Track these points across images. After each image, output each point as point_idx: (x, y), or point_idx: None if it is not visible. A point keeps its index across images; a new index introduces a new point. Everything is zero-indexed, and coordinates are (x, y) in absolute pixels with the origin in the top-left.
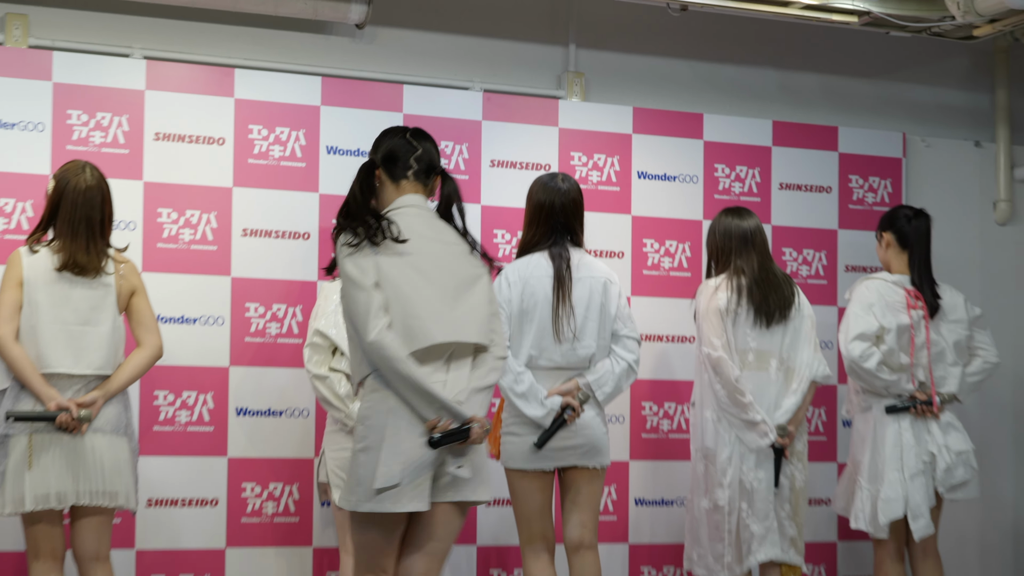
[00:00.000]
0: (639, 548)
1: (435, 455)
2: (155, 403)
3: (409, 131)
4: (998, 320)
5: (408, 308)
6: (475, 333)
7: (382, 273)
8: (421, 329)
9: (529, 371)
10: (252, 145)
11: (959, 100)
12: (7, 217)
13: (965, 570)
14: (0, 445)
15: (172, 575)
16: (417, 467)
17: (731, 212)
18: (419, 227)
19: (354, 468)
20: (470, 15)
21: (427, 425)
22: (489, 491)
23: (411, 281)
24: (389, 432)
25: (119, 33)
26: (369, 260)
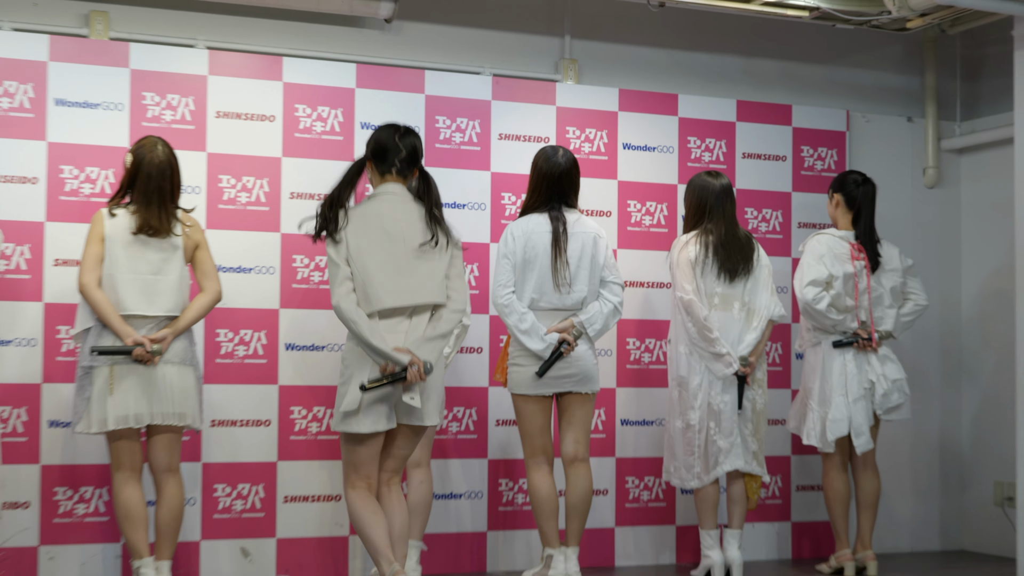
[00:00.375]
0: (624, 461)
1: (389, 390)
2: (217, 339)
3: (398, 133)
4: (926, 269)
5: (367, 278)
6: (428, 295)
7: (351, 251)
8: (375, 296)
9: (531, 311)
10: (298, 122)
11: (894, 82)
12: (92, 183)
13: (898, 479)
14: (85, 375)
15: (232, 484)
16: (373, 400)
17: (708, 173)
18: (390, 210)
19: (336, 398)
20: (481, 11)
21: (380, 368)
22: (438, 417)
23: (373, 256)
24: (355, 372)
25: (185, 27)
26: (343, 242)
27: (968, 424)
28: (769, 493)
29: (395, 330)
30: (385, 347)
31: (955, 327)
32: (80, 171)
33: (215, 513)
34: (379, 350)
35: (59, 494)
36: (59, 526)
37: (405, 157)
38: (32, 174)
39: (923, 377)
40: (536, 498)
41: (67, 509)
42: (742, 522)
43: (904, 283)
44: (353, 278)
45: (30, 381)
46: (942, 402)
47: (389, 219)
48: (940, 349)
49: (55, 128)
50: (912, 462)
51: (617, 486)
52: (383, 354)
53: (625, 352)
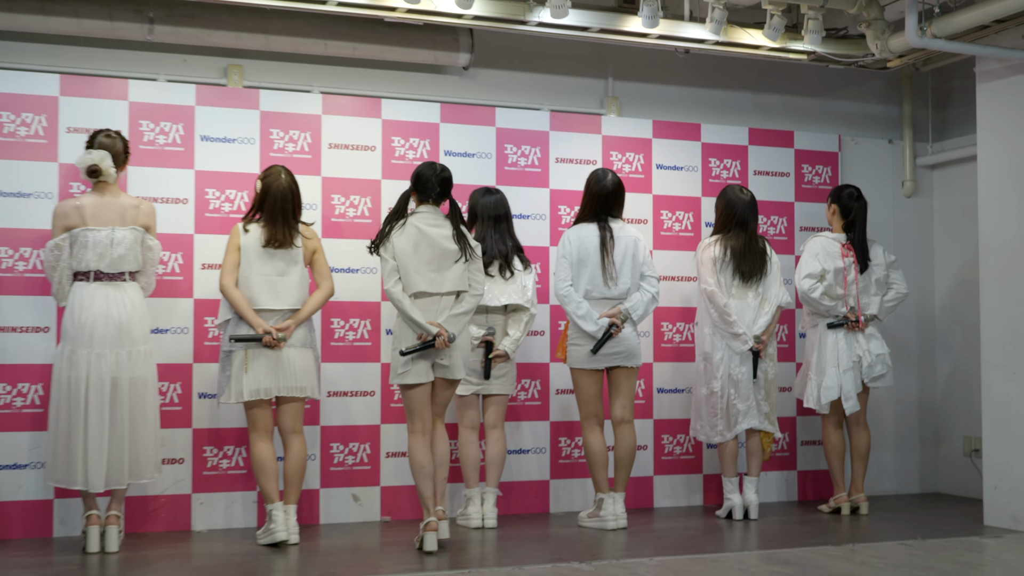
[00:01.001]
0: (660, 422)
1: (428, 353)
2: (331, 326)
3: (435, 171)
4: (905, 264)
5: (407, 270)
6: (451, 285)
7: (396, 251)
8: (412, 282)
9: (586, 301)
10: (394, 151)
11: (877, 111)
12: (231, 203)
13: (884, 435)
14: (226, 358)
15: (345, 443)
16: (415, 360)
17: (739, 189)
18: (425, 224)
19: (391, 361)
20: (540, 59)
21: (417, 336)
22: (462, 372)
23: (411, 257)
24: (402, 339)
25: (303, 76)
26: (390, 245)
27: (941, 390)
28: (779, 447)
29: (428, 309)
30: (421, 319)
31: (930, 311)
32: (221, 193)
33: (331, 466)
34: (416, 321)
35: (207, 452)
36: (207, 477)
37: (439, 190)
38: (183, 196)
39: (904, 352)
40: (590, 452)
41: (214, 464)
42: (758, 471)
43: (887, 275)
44: (399, 271)
45: (183, 362)
46: (919, 371)
47: (425, 230)
48: (917, 329)
49: (201, 159)
50: (895, 421)
51: (655, 442)
52: (419, 325)
53: (660, 333)
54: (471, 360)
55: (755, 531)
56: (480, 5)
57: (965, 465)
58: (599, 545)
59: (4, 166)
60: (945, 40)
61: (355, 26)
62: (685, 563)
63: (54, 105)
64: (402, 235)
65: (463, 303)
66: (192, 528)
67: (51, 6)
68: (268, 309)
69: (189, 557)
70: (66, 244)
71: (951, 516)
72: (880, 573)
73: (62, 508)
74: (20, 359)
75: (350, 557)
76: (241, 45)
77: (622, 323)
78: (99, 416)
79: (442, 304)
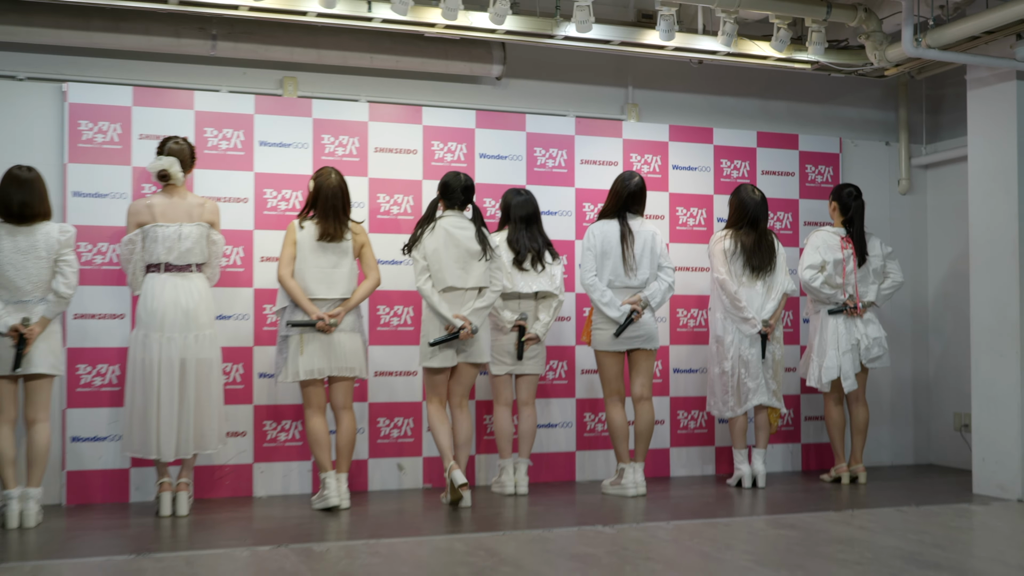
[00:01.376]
0: (676, 399)
1: (453, 342)
2: (378, 313)
3: (459, 180)
4: (901, 255)
5: (437, 269)
6: (475, 281)
7: (427, 253)
8: (441, 278)
9: (609, 289)
10: (433, 154)
11: (875, 116)
12: (287, 201)
13: (881, 410)
14: (283, 341)
15: (390, 418)
16: (442, 346)
17: (751, 188)
18: (451, 227)
19: (420, 346)
20: (566, 70)
21: (444, 327)
22: (485, 357)
23: (440, 256)
24: (430, 329)
25: (352, 87)
26: (421, 247)
27: (933, 370)
28: (785, 422)
29: (454, 302)
30: (447, 313)
31: (923, 298)
32: (278, 193)
33: (378, 439)
34: (442, 315)
35: (267, 426)
36: (267, 449)
37: (463, 198)
38: (244, 196)
39: (900, 335)
40: (612, 426)
41: (272, 436)
42: (765, 443)
43: (884, 265)
44: (428, 269)
45: (244, 345)
46: (914, 353)
47: (452, 232)
48: (912, 315)
49: (260, 162)
50: (891, 398)
51: (671, 417)
52: (445, 317)
53: (676, 318)
54: (505, 343)
55: (762, 498)
56: (512, 21)
57: (955, 439)
58: (620, 510)
59: (83, 169)
60: (938, 50)
61: (398, 41)
62: (699, 527)
63: (127, 114)
64: (432, 237)
65: (484, 298)
66: (254, 494)
67: (124, 25)
68: (321, 298)
69: (251, 520)
70: (139, 239)
71: (942, 485)
72: (877, 537)
73: (137, 476)
74: (99, 343)
75: (395, 520)
76: (295, 59)
77: (642, 309)
78: (170, 393)
79: (467, 297)
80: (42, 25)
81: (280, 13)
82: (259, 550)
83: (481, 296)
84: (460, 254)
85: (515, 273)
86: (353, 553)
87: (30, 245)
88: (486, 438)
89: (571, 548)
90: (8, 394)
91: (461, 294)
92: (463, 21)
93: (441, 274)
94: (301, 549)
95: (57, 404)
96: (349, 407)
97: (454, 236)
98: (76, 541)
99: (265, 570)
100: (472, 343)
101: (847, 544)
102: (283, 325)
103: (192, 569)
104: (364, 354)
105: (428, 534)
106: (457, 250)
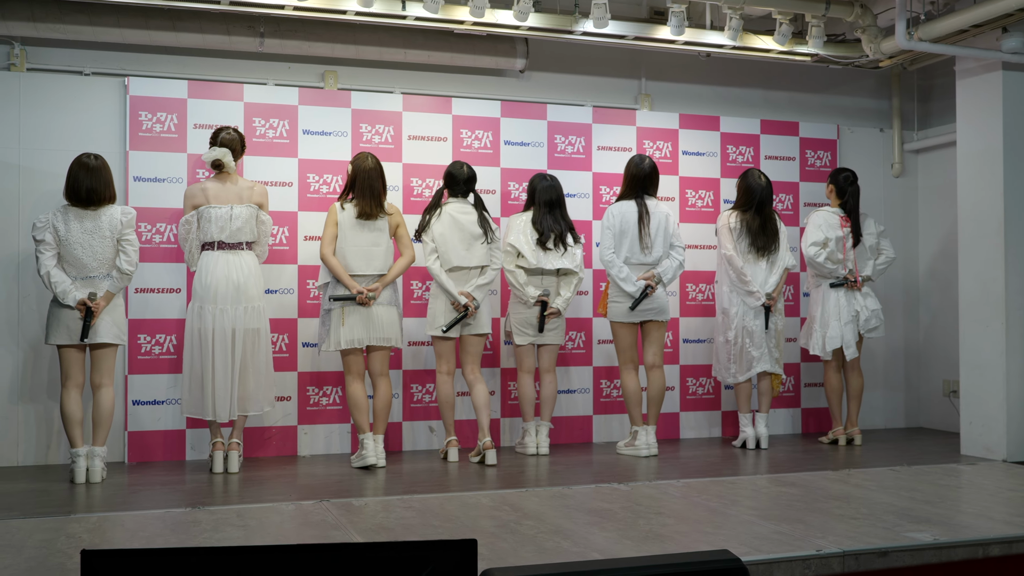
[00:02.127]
0: (686, 367)
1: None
2: (411, 287)
3: (462, 170)
4: (894, 233)
5: (443, 250)
6: (477, 260)
7: (435, 236)
8: (448, 259)
9: (626, 266)
10: (462, 141)
11: (870, 104)
12: (328, 185)
13: (875, 377)
14: (326, 313)
15: (423, 385)
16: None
17: (759, 174)
18: (455, 213)
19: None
20: (585, 63)
21: (452, 303)
22: (487, 328)
23: (446, 239)
24: (435, 302)
25: (387, 80)
26: (430, 231)
27: (923, 340)
28: (786, 388)
29: (460, 280)
30: (453, 290)
31: (914, 273)
32: (320, 177)
33: (412, 403)
34: (449, 291)
35: (310, 391)
36: (310, 412)
37: (464, 187)
38: (289, 180)
39: (892, 308)
40: (626, 392)
41: (315, 401)
42: (767, 407)
43: (878, 243)
44: (437, 251)
45: (289, 316)
46: (905, 325)
47: (457, 218)
48: (903, 288)
49: (303, 149)
50: (885, 366)
51: (681, 384)
52: (451, 294)
53: (686, 292)
54: (528, 316)
55: (765, 458)
56: (534, 18)
57: (944, 404)
58: (634, 469)
59: (143, 157)
60: (929, 43)
61: (430, 37)
62: (706, 484)
63: (183, 106)
64: (439, 222)
65: (485, 276)
66: (298, 453)
67: (180, 23)
68: (361, 274)
69: (296, 477)
70: (194, 220)
71: (932, 447)
72: (872, 494)
73: (192, 436)
74: (158, 315)
75: (427, 477)
76: (336, 54)
77: (656, 285)
78: (223, 360)
79: (470, 275)
80: (106, 24)
81: (322, 12)
82: (303, 504)
83: (482, 274)
84: (464, 237)
85: (538, 252)
86: (389, 507)
87: (95, 227)
88: (510, 403)
89: (588, 503)
90: (76, 362)
91: (465, 272)
92: (489, 18)
93: (448, 255)
94: (341, 503)
95: (120, 371)
96: (386, 374)
97: (459, 221)
98: (137, 495)
99: (309, 522)
100: (475, 316)
101: (844, 500)
102: (325, 299)
103: (243, 521)
104: (399, 325)
105: (457, 490)
106: (461, 233)
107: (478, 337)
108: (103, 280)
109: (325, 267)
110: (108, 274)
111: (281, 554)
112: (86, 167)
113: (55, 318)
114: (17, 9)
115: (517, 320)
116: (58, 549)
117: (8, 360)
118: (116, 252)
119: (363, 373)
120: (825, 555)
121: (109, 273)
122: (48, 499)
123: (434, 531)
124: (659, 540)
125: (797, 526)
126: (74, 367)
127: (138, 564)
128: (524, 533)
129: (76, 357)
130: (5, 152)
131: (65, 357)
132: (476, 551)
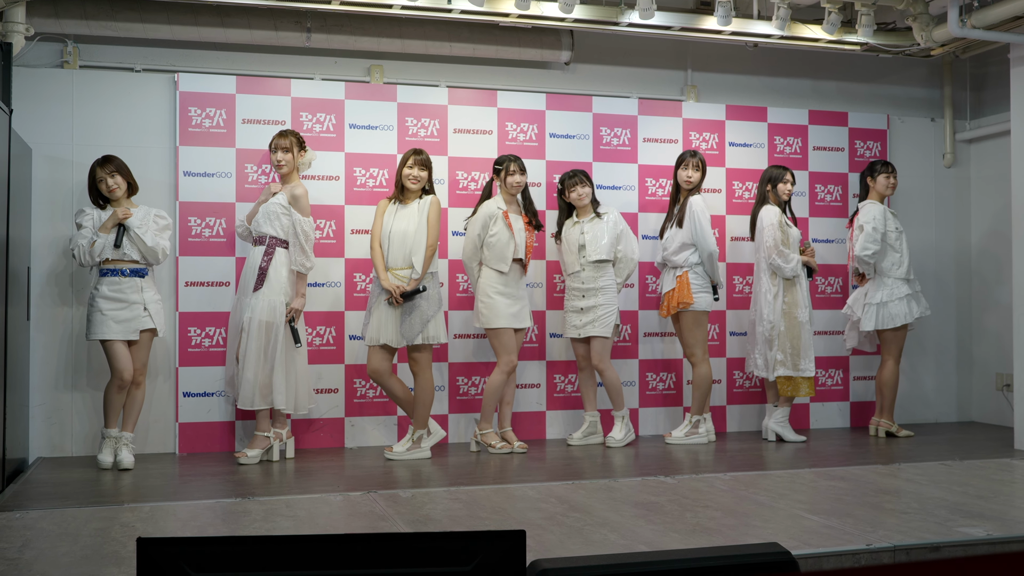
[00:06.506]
0: (732, 360)
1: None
2: (457, 281)
3: (511, 160)
4: (946, 221)
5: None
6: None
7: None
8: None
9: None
10: (507, 134)
11: (921, 94)
12: (374, 179)
13: (926, 369)
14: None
15: (468, 377)
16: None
17: (779, 167)
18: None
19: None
20: (630, 54)
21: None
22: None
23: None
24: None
25: (433, 73)
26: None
27: (975, 333)
28: (830, 382)
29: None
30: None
31: (966, 267)
32: (366, 171)
33: (457, 395)
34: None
35: (356, 383)
36: (357, 404)
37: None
38: (336, 174)
39: (944, 300)
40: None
41: (362, 393)
42: (774, 400)
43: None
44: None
45: (336, 310)
46: (957, 320)
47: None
48: (955, 281)
49: (350, 143)
50: (936, 359)
51: (727, 377)
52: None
53: (732, 285)
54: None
55: (812, 452)
56: (580, 10)
57: (997, 398)
58: (680, 462)
59: (192, 152)
60: (983, 30)
61: (475, 30)
62: (753, 477)
63: (232, 101)
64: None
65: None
66: (345, 445)
67: (229, 20)
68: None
69: (343, 468)
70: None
71: (984, 441)
72: (923, 488)
73: (242, 428)
74: (208, 308)
75: (473, 469)
76: (382, 48)
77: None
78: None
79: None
80: (156, 22)
81: (368, 6)
82: (351, 495)
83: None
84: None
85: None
86: (435, 499)
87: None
88: (556, 395)
89: (635, 496)
90: (121, 355)
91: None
92: (534, 11)
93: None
94: (389, 495)
95: (171, 363)
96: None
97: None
98: (188, 485)
99: (357, 513)
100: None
101: (894, 494)
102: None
103: (292, 511)
104: (440, 321)
105: (503, 482)
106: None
107: (523, 330)
108: None
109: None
110: None
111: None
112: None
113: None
114: (70, 7)
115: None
116: (113, 537)
117: (60, 351)
118: None
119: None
120: (875, 549)
121: None
122: (101, 488)
123: (481, 523)
124: (706, 533)
125: (847, 520)
126: (120, 360)
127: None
128: (571, 525)
129: (120, 350)
130: (59, 148)
131: (110, 351)
132: (524, 542)
